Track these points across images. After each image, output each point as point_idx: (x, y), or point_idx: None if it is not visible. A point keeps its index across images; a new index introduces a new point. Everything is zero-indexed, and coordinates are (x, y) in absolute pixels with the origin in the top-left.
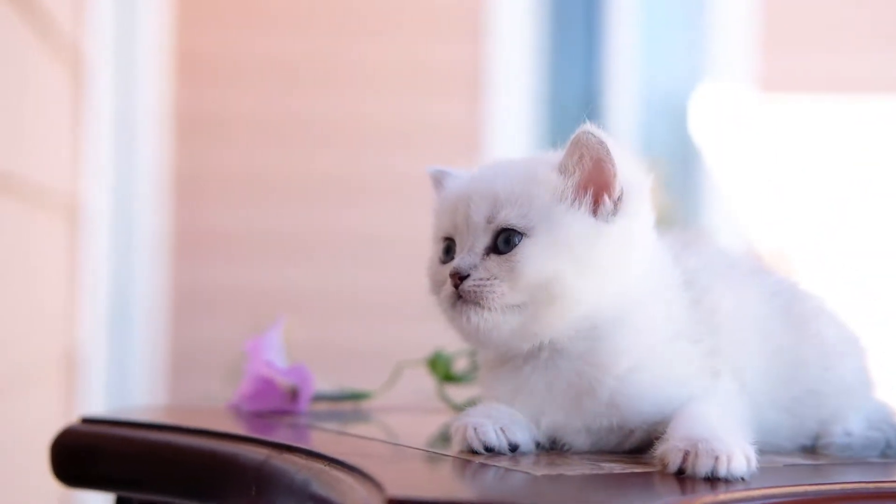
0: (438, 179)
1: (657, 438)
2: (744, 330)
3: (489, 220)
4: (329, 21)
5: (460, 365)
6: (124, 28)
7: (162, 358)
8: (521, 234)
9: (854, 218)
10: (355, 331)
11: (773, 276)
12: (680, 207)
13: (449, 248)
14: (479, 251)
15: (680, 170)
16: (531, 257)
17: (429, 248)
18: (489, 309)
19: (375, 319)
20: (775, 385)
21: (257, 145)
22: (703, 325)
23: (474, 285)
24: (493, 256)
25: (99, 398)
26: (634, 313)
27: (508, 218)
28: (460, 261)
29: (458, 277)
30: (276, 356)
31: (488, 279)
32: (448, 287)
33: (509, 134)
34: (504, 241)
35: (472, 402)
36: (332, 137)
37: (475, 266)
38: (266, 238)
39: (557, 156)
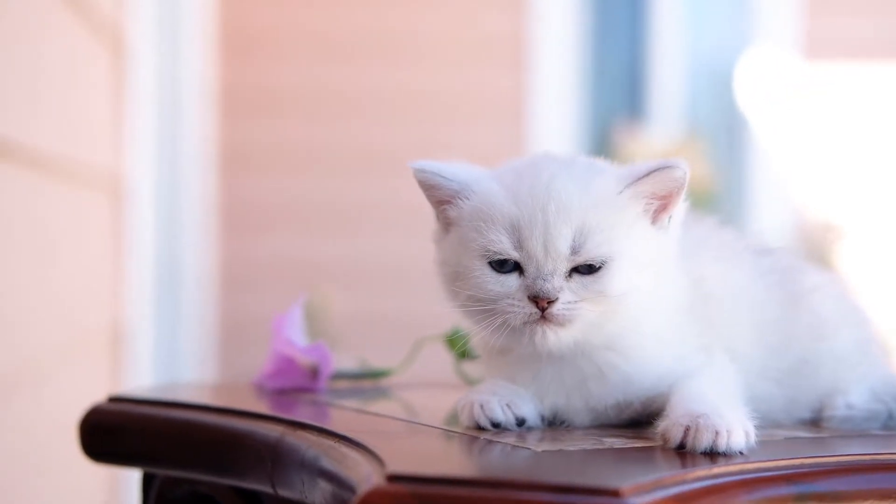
0: (427, 180)
1: (652, 409)
2: (734, 303)
3: (574, 251)
4: None
5: None
6: (167, 4)
7: (211, 331)
8: (605, 259)
9: None
10: (404, 301)
11: (773, 254)
12: (723, 176)
13: (504, 261)
14: (562, 274)
15: (725, 137)
16: (618, 279)
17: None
18: (570, 329)
19: (424, 290)
20: (766, 356)
21: (302, 118)
22: (697, 299)
23: (565, 310)
24: (577, 277)
25: (147, 373)
26: (660, 301)
27: (596, 250)
28: (548, 286)
29: (547, 301)
30: (297, 334)
31: (576, 302)
32: (528, 308)
33: (553, 104)
34: (587, 265)
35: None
36: (377, 110)
37: (562, 289)
38: (313, 210)
39: (624, 172)
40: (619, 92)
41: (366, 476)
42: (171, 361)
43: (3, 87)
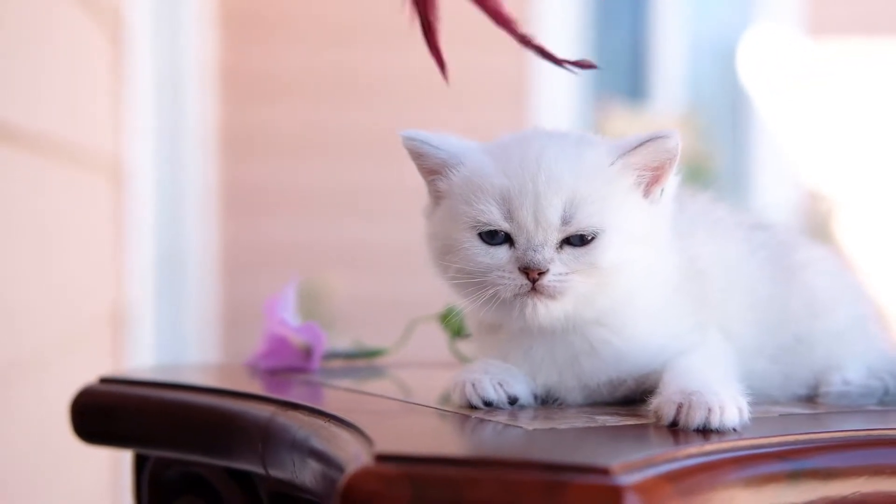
0: (416, 148)
1: (646, 386)
2: (728, 280)
3: (565, 222)
4: None
5: None
6: None
7: (213, 314)
8: (596, 230)
9: None
10: (406, 284)
11: (767, 229)
12: (726, 153)
13: (494, 233)
14: (553, 245)
15: (728, 115)
16: (610, 251)
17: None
18: (561, 302)
19: (425, 273)
20: (761, 333)
21: (304, 101)
22: (690, 277)
23: (556, 281)
24: (568, 249)
25: (149, 357)
26: (653, 275)
27: (587, 220)
28: (538, 257)
29: (538, 273)
30: (289, 314)
31: (567, 274)
32: (519, 279)
33: (556, 84)
34: (579, 236)
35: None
36: (379, 91)
37: (552, 261)
38: (314, 193)
39: (616, 144)
40: (621, 71)
41: (354, 456)
42: (173, 345)
43: (3, 71)
